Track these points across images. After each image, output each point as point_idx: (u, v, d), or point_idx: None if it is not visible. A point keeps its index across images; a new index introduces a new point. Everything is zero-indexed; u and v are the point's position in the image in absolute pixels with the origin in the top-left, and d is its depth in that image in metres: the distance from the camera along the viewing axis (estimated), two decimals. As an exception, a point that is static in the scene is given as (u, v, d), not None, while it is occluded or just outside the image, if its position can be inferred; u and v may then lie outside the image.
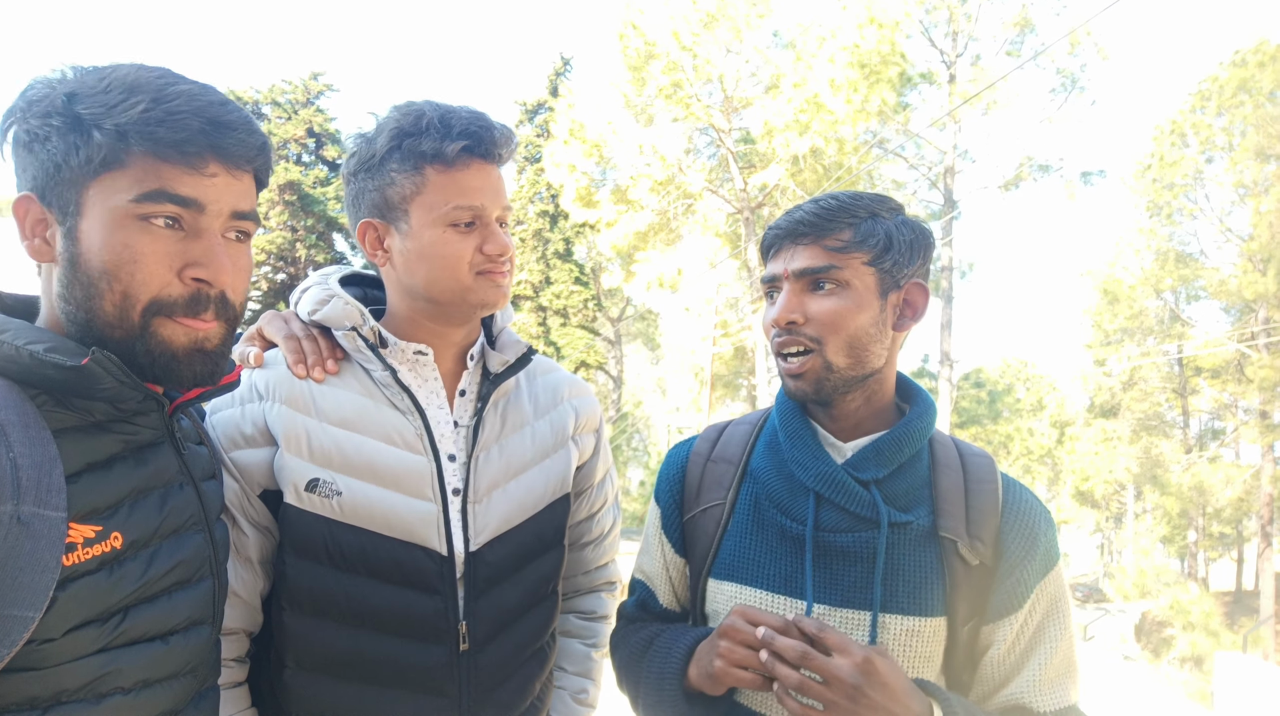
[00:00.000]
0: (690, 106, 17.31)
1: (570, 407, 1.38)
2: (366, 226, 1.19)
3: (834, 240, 1.09)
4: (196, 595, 0.95)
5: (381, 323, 1.25)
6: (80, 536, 0.80)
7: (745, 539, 1.16)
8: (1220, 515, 22.20)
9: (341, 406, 1.16)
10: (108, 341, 0.84)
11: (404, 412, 1.18)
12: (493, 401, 1.27)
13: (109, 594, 0.83)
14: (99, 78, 0.82)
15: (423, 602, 1.15)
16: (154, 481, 0.91)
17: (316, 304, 1.22)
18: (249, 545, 1.14)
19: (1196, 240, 21.40)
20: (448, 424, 1.23)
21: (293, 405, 1.15)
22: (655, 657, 1.13)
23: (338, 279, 1.28)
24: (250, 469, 1.13)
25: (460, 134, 1.13)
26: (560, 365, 1.48)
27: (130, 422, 0.89)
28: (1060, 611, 1.09)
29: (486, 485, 1.21)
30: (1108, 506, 29.67)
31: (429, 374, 1.24)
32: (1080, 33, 17.08)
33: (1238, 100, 18.92)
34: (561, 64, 24.03)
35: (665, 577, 1.27)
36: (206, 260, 0.86)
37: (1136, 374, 22.85)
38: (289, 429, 1.13)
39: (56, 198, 0.83)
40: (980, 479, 1.13)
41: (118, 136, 0.81)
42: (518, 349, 1.29)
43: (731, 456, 1.24)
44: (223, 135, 0.85)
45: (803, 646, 0.87)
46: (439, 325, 1.23)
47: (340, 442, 1.14)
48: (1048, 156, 18.92)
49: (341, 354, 1.22)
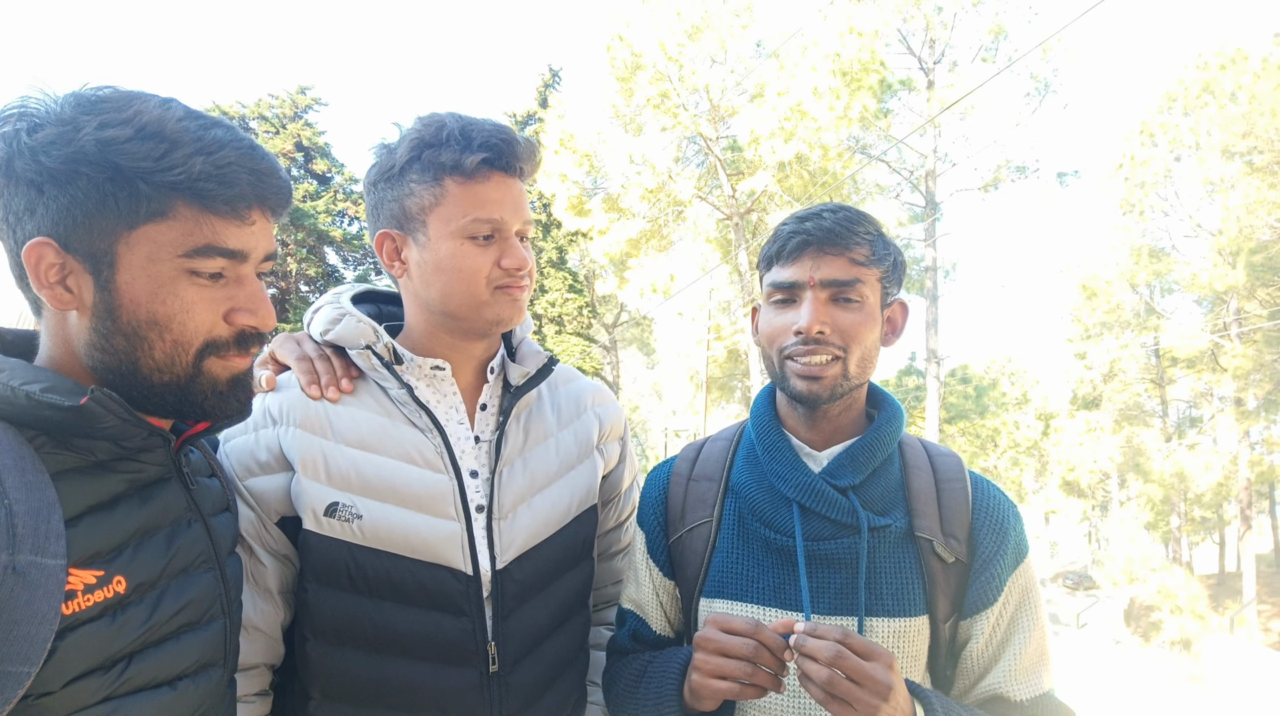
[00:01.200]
0: (678, 116, 17.70)
1: (594, 416, 1.37)
2: (384, 237, 1.18)
3: (858, 253, 1.10)
4: (207, 636, 0.92)
5: (399, 338, 1.23)
6: (81, 582, 0.77)
7: (733, 554, 1.16)
8: (1201, 500, 22.78)
9: (358, 427, 1.14)
10: (154, 386, 0.84)
11: (423, 430, 1.16)
12: (514, 414, 1.25)
13: (112, 641, 0.80)
14: (123, 119, 0.78)
15: (449, 625, 1.12)
16: (160, 520, 0.88)
17: (329, 323, 1.20)
18: (267, 575, 1.12)
19: (1168, 236, 22.08)
20: (468, 440, 1.21)
21: (308, 428, 1.13)
22: (650, 683, 1.11)
23: (350, 297, 1.27)
24: (266, 496, 1.11)
25: (481, 146, 1.11)
26: (581, 373, 1.47)
27: (135, 460, 0.87)
28: (1031, 602, 1.11)
29: (511, 501, 1.19)
30: (1093, 495, 30.30)
31: (447, 389, 1.22)
32: (1052, 39, 17.71)
33: (1203, 101, 19.63)
34: (550, 76, 24.35)
35: (656, 603, 1.26)
36: (254, 307, 0.88)
37: (1116, 366, 23.46)
38: (305, 453, 1.11)
39: (85, 246, 0.79)
40: (949, 478, 1.16)
41: (168, 189, 0.79)
42: (538, 360, 1.27)
43: (712, 473, 1.24)
44: (265, 185, 0.86)
45: (838, 647, 0.88)
46: (456, 339, 1.21)
47: (359, 464, 1.12)
48: (1024, 158, 19.48)
49: (356, 373, 1.20)
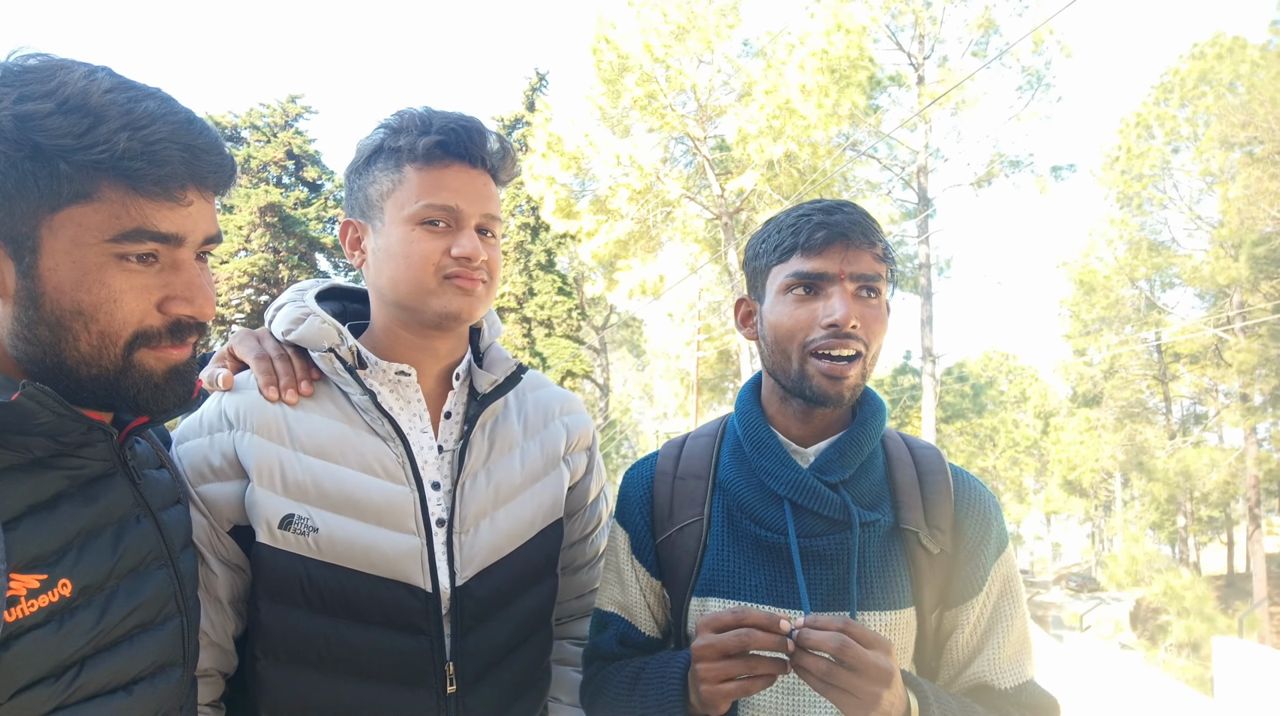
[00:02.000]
0: (665, 116, 17.57)
1: (561, 426, 1.32)
2: (347, 225, 1.16)
3: (879, 250, 1.10)
4: (162, 636, 0.88)
5: (362, 338, 1.19)
6: (23, 587, 0.73)
7: (724, 552, 1.14)
8: (1208, 499, 22.38)
9: (317, 434, 1.09)
10: (81, 379, 0.80)
11: (385, 439, 1.11)
12: (480, 423, 1.20)
13: (60, 647, 0.76)
14: (43, 94, 0.73)
15: (406, 643, 1.08)
16: (106, 518, 0.84)
17: (291, 323, 1.15)
18: (218, 584, 1.08)
19: (1168, 228, 21.80)
20: (431, 449, 1.16)
21: (265, 434, 1.08)
22: (648, 688, 1.07)
23: (314, 294, 1.22)
24: (219, 503, 1.06)
25: (438, 130, 1.09)
26: (550, 379, 1.42)
27: (75, 456, 0.82)
28: (1013, 591, 1.12)
29: (473, 514, 1.15)
30: (1096, 495, 29.85)
31: (411, 396, 1.17)
32: (1043, 31, 17.46)
33: (1199, 91, 19.33)
34: (537, 79, 24.31)
35: (644, 604, 1.22)
36: (190, 294, 0.82)
37: (1116, 362, 23.11)
38: (261, 460, 1.06)
39: (6, 229, 0.75)
40: (931, 470, 1.16)
41: (91, 169, 0.74)
42: (507, 367, 1.23)
43: (699, 471, 1.22)
44: (200, 163, 0.80)
45: (843, 637, 0.86)
46: (415, 337, 1.16)
47: (316, 474, 1.07)
48: (1018, 152, 19.22)
49: (318, 375, 1.15)
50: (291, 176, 24.74)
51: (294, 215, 23.20)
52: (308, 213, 23.63)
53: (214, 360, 1.20)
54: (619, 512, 1.28)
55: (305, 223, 23.36)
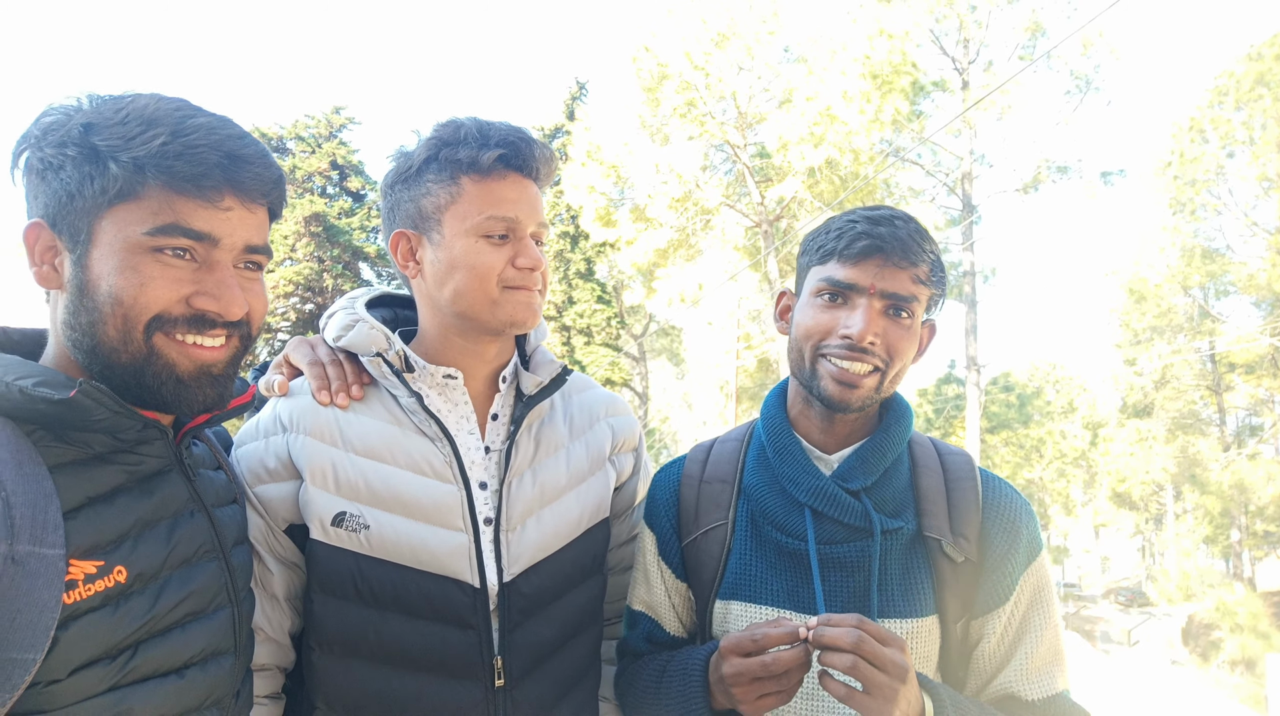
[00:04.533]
0: (705, 124, 17.59)
1: (607, 427, 1.34)
2: (400, 237, 1.17)
3: (920, 271, 1.08)
4: (213, 625, 0.93)
5: (412, 344, 1.23)
6: (81, 572, 0.78)
7: (747, 557, 1.16)
8: (1263, 513, 21.66)
9: (368, 436, 1.14)
10: (115, 367, 0.84)
11: (432, 439, 1.15)
12: (526, 424, 1.22)
13: (115, 630, 0.81)
14: (116, 108, 0.82)
15: (456, 638, 1.11)
16: (161, 511, 0.89)
17: (342, 329, 1.19)
18: (274, 582, 1.12)
19: (1222, 235, 21.17)
20: (478, 450, 1.19)
21: (318, 436, 1.13)
22: (673, 683, 1.10)
23: (365, 302, 1.26)
24: (275, 503, 1.11)
25: (498, 143, 1.11)
26: (596, 382, 1.44)
27: (133, 452, 0.88)
28: (1044, 600, 1.10)
29: (520, 512, 1.18)
30: (1146, 508, 29.05)
31: (459, 398, 1.20)
32: (1092, 34, 17.12)
33: (1256, 94, 18.76)
34: (577, 88, 24.50)
35: (669, 605, 1.25)
36: (218, 292, 0.86)
37: (1168, 372, 22.49)
38: (314, 461, 1.11)
39: (68, 226, 0.82)
40: (959, 477, 1.15)
41: (134, 169, 0.81)
42: (552, 369, 1.26)
43: (725, 475, 1.23)
44: (239, 169, 0.85)
45: (858, 633, 0.88)
46: (469, 342, 1.19)
47: (367, 474, 1.11)
48: (1065, 158, 18.84)
49: (368, 379, 1.19)
50: (335, 186, 25.22)
51: (338, 225, 23.66)
52: (351, 222, 24.06)
53: (271, 367, 1.25)
54: (647, 514, 1.30)
55: (349, 232, 23.79)
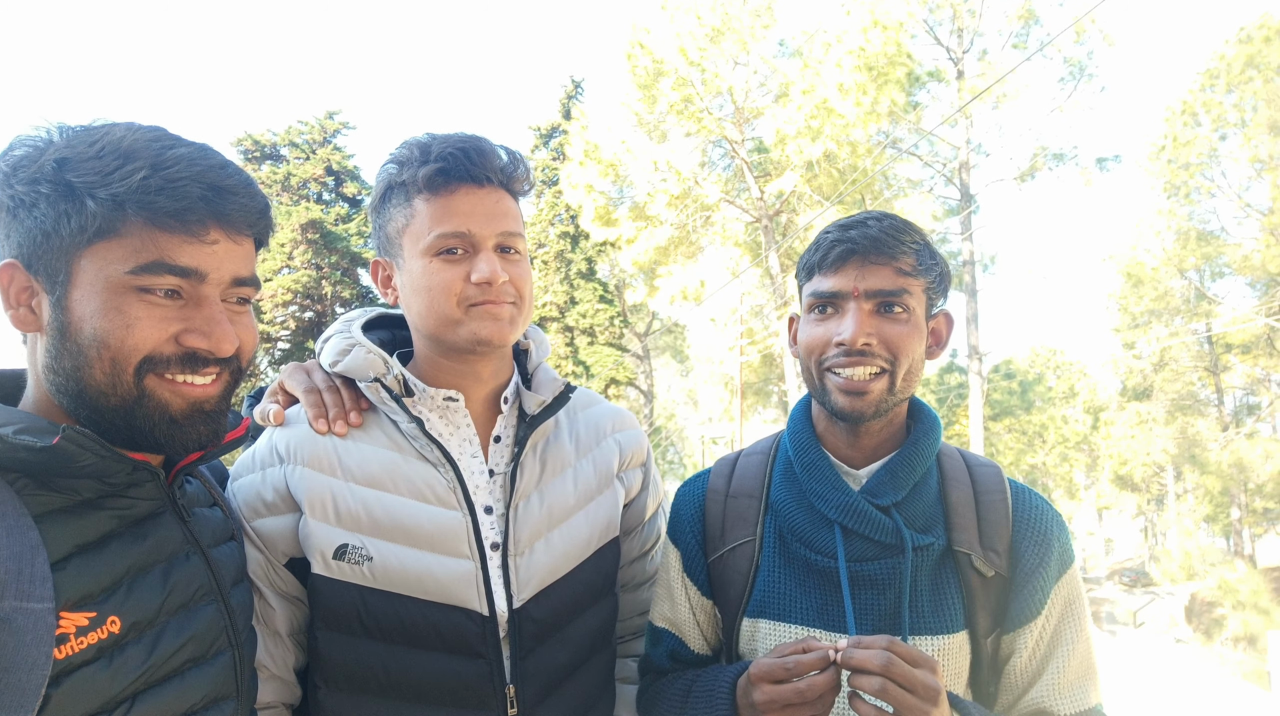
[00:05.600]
0: (702, 120, 17.60)
1: (614, 443, 1.31)
2: (376, 265, 1.17)
3: (904, 263, 1.07)
4: (214, 671, 0.90)
5: (410, 366, 1.20)
6: (73, 625, 0.75)
7: (775, 574, 1.14)
8: (1262, 491, 21.93)
9: (367, 463, 1.10)
10: (103, 410, 0.81)
11: (434, 465, 1.12)
12: (530, 444, 1.19)
13: (110, 683, 0.77)
14: (89, 141, 0.78)
15: (466, 668, 1.08)
16: (154, 556, 0.86)
17: (338, 354, 1.16)
18: (276, 618, 1.10)
19: (1216, 217, 21.35)
20: (482, 474, 1.16)
21: (316, 466, 1.09)
22: (698, 703, 1.08)
23: (361, 324, 1.23)
24: (274, 538, 1.08)
25: (437, 157, 1.07)
26: (602, 397, 1.39)
27: (123, 496, 0.85)
28: (1076, 613, 1.08)
29: (527, 536, 1.14)
30: (1148, 489, 29.35)
31: (460, 421, 1.17)
32: (1085, 21, 17.21)
33: (1246, 77, 18.92)
34: (573, 87, 24.45)
35: (693, 622, 1.22)
36: (208, 329, 0.83)
37: (1166, 354, 22.72)
38: (313, 493, 1.07)
39: (44, 266, 0.79)
40: (989, 490, 1.13)
41: (113, 205, 0.77)
42: (555, 387, 1.22)
43: (751, 490, 1.21)
44: (224, 201, 0.82)
45: (888, 655, 0.86)
46: (455, 363, 1.15)
47: (368, 503, 1.08)
48: (1061, 145, 19.11)
49: (367, 405, 1.16)
50: (331, 192, 25.10)
51: (335, 231, 23.55)
52: (348, 228, 23.96)
53: (266, 396, 1.22)
54: (671, 530, 1.28)
55: (346, 238, 23.69)
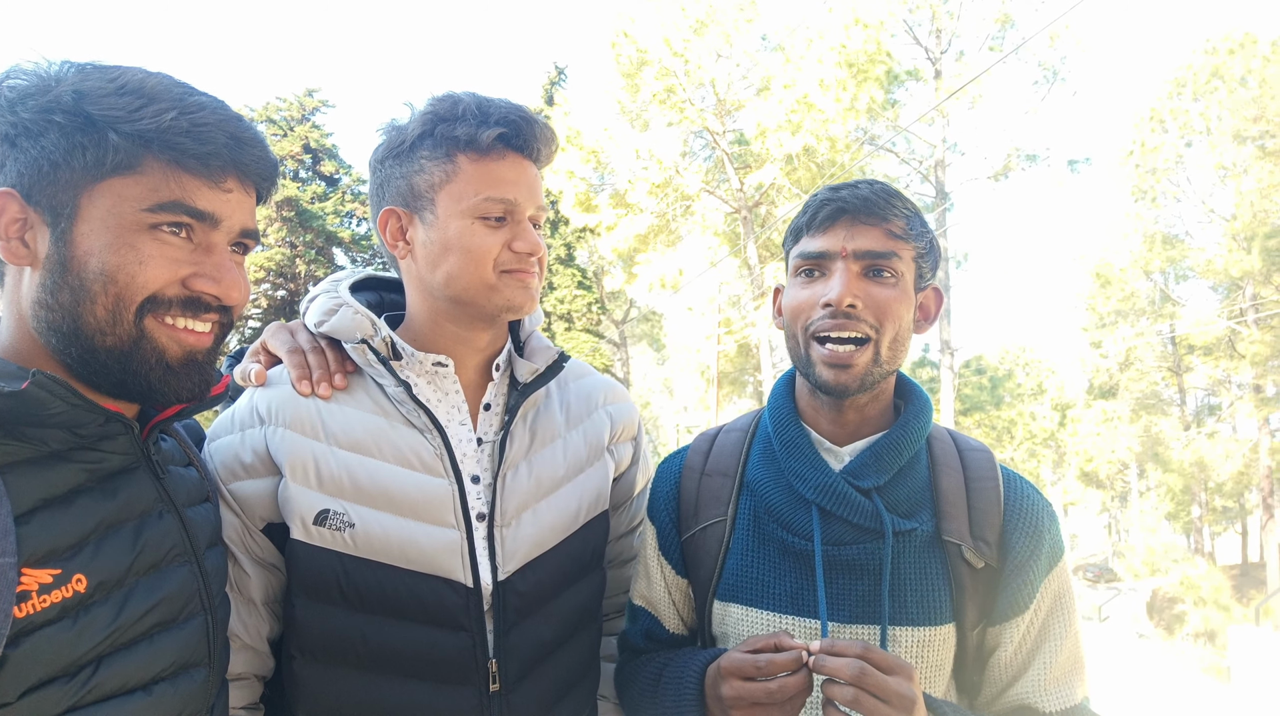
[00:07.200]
0: (684, 110, 17.70)
1: (605, 414, 1.29)
2: (389, 214, 1.11)
3: (895, 225, 1.04)
4: (184, 635, 0.86)
5: (400, 329, 1.17)
6: (35, 582, 0.71)
7: (748, 556, 1.10)
8: (1222, 489, 22.52)
9: (352, 427, 1.07)
10: (96, 351, 0.79)
11: (421, 431, 1.09)
12: (521, 413, 1.17)
13: (74, 645, 0.74)
14: (108, 78, 0.78)
15: (447, 641, 1.05)
16: (125, 513, 0.82)
17: (324, 314, 1.13)
18: (251, 585, 1.06)
19: (1181, 222, 21.91)
20: (470, 442, 1.13)
21: (298, 429, 1.06)
22: (668, 688, 1.05)
23: (349, 285, 1.20)
24: (251, 501, 1.05)
25: (498, 122, 1.06)
26: (594, 369, 1.38)
27: (95, 449, 0.81)
28: (1065, 607, 1.05)
29: (515, 507, 1.12)
30: (1112, 486, 29.97)
31: (449, 387, 1.14)
32: (1059, 26, 17.60)
33: (1212, 86, 19.48)
34: (556, 73, 24.42)
35: (669, 601, 1.20)
36: (218, 276, 0.83)
37: (1132, 354, 23.24)
38: (294, 456, 1.04)
39: (48, 198, 0.77)
40: (981, 477, 1.09)
41: (139, 142, 0.77)
42: (548, 356, 1.20)
43: (726, 468, 1.17)
44: (243, 151, 0.83)
45: (860, 665, 0.83)
46: (461, 328, 1.13)
47: (351, 468, 1.05)
48: (1034, 146, 19.35)
49: (352, 367, 1.13)
50: (309, 171, 24.82)
51: (311, 209, 23.28)
52: (325, 207, 23.71)
53: (248, 355, 1.19)
54: (649, 507, 1.26)
55: (322, 217, 23.44)
